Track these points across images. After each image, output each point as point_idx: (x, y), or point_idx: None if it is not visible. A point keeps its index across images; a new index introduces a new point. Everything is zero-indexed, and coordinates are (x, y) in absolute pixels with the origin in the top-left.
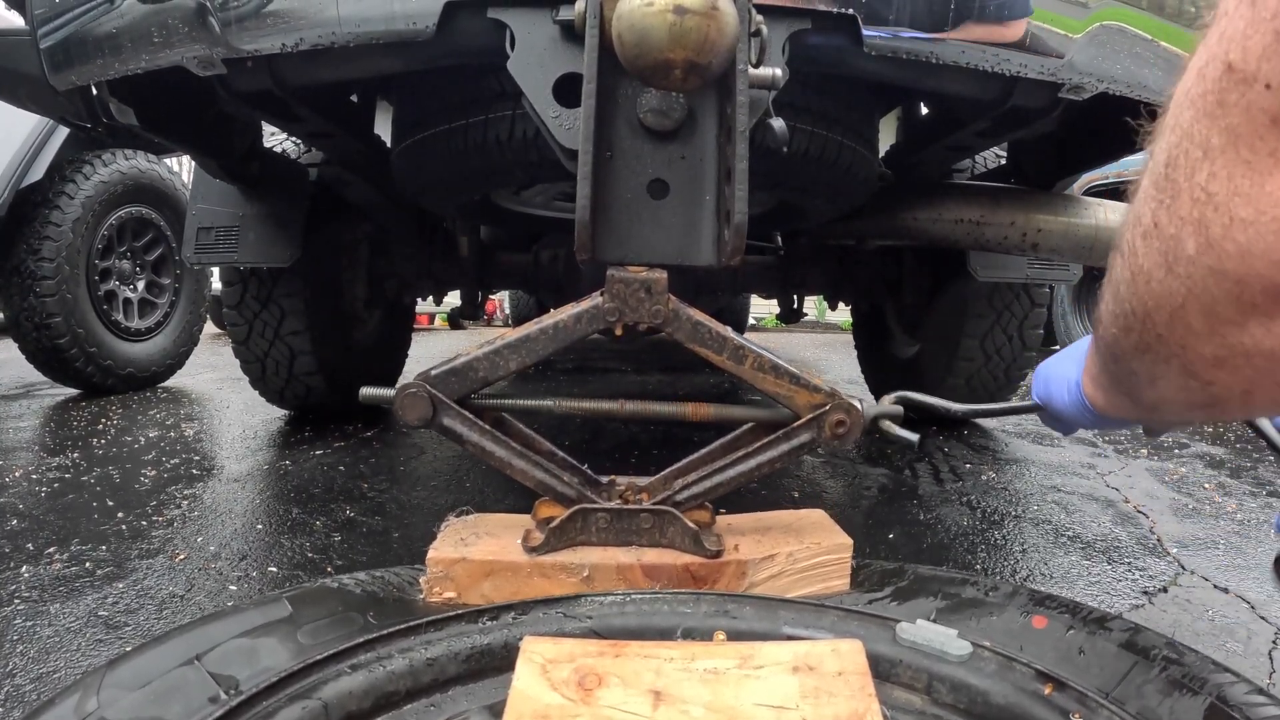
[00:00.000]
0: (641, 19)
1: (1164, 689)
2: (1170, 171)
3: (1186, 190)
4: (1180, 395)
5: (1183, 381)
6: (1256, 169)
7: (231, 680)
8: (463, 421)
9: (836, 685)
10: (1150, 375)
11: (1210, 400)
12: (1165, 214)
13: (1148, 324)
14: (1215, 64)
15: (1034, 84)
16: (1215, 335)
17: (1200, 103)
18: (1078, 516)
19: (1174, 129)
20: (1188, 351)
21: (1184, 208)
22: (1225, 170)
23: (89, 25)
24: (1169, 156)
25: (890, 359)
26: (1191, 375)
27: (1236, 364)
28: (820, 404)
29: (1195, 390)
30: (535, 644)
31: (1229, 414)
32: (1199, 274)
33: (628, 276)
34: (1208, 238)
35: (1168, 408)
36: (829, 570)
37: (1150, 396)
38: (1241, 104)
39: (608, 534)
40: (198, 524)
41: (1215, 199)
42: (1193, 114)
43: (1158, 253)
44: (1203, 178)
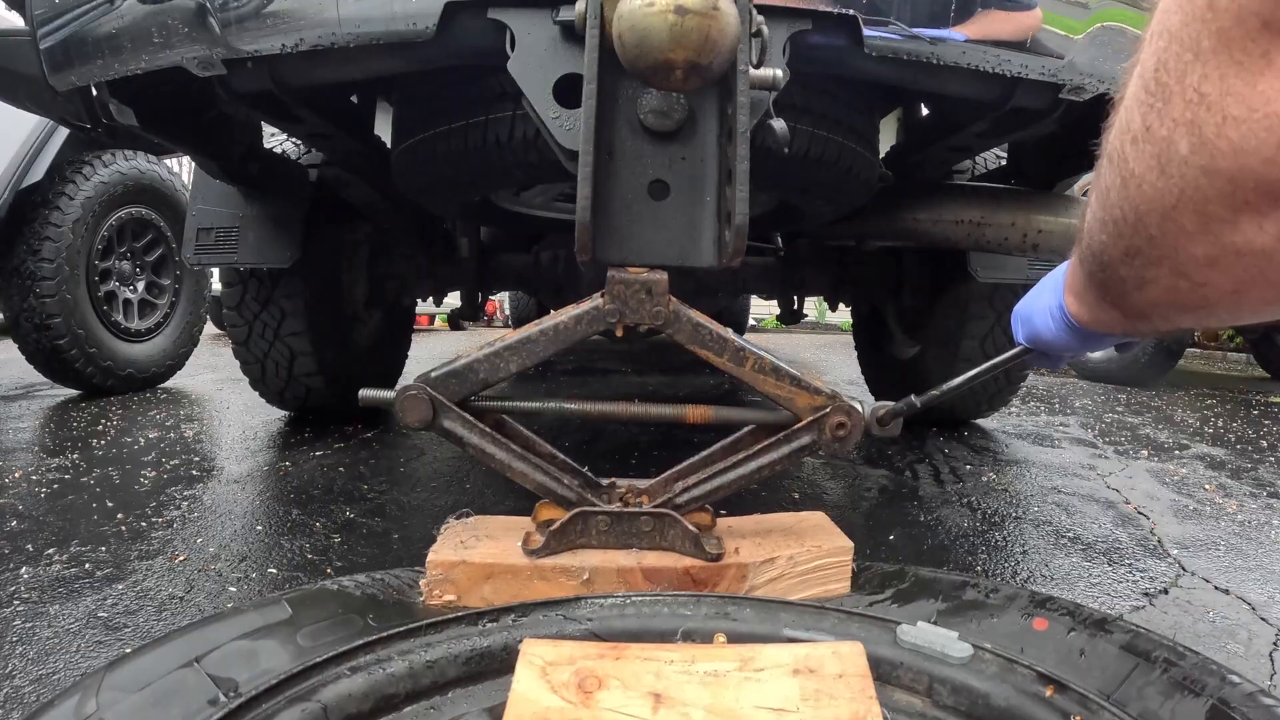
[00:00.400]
0: (642, 19)
1: (1165, 691)
2: (1160, 75)
3: (1178, 92)
4: (1170, 297)
5: (1173, 282)
6: (1249, 69)
7: (231, 682)
8: (463, 424)
9: (837, 687)
10: (1140, 279)
11: (1201, 301)
12: (1156, 117)
13: (1139, 227)
14: None
15: (1035, 85)
16: (1208, 234)
17: (1190, 6)
18: (1078, 518)
19: (1161, 34)
20: (1180, 252)
21: (1176, 109)
22: (1217, 71)
23: (89, 26)
24: (1158, 60)
25: (890, 360)
26: (1183, 275)
27: (1228, 262)
28: (821, 406)
29: (1186, 291)
30: (535, 646)
31: (1218, 316)
32: (1192, 174)
33: (628, 278)
34: (1201, 137)
35: (1157, 312)
36: (829, 573)
37: (1139, 301)
38: (1233, 8)
39: (608, 537)
40: (197, 525)
41: (1208, 99)
42: (1182, 17)
43: (1149, 155)
44: (1194, 79)
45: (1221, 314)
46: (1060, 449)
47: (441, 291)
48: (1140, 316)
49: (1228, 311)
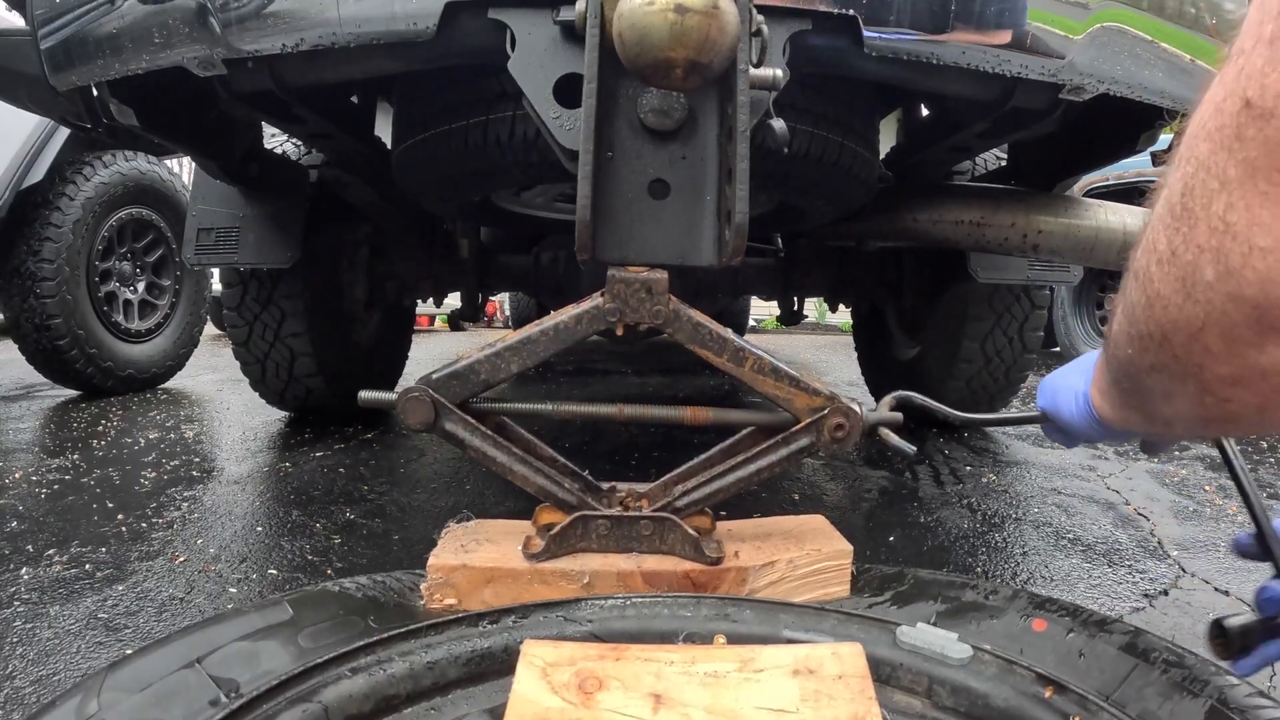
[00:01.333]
0: (643, 18)
1: (1165, 691)
2: (1187, 201)
3: (1204, 219)
4: (1196, 411)
5: (1199, 399)
6: (1274, 201)
7: (232, 683)
8: (464, 426)
9: (837, 688)
10: (1166, 392)
11: (1226, 416)
12: (1182, 241)
13: (1164, 345)
14: (1234, 99)
15: (1035, 85)
16: (1233, 356)
17: (1218, 136)
18: (1078, 519)
19: (1189, 160)
20: (1205, 371)
21: (1201, 236)
22: (1243, 201)
23: (89, 26)
24: (1185, 186)
25: (890, 361)
26: (1208, 393)
27: (1254, 383)
28: (820, 407)
29: (1212, 407)
30: (536, 647)
31: (1244, 430)
32: (1218, 300)
33: (628, 277)
34: (1227, 266)
35: (1181, 423)
36: (829, 576)
37: (1165, 412)
38: (1259, 138)
39: (608, 541)
40: (198, 526)
41: (1233, 228)
42: (1209, 146)
43: (1175, 279)
44: (1220, 208)
45: (1246, 429)
46: (1060, 450)
47: (442, 292)
48: (1164, 425)
49: (1253, 427)
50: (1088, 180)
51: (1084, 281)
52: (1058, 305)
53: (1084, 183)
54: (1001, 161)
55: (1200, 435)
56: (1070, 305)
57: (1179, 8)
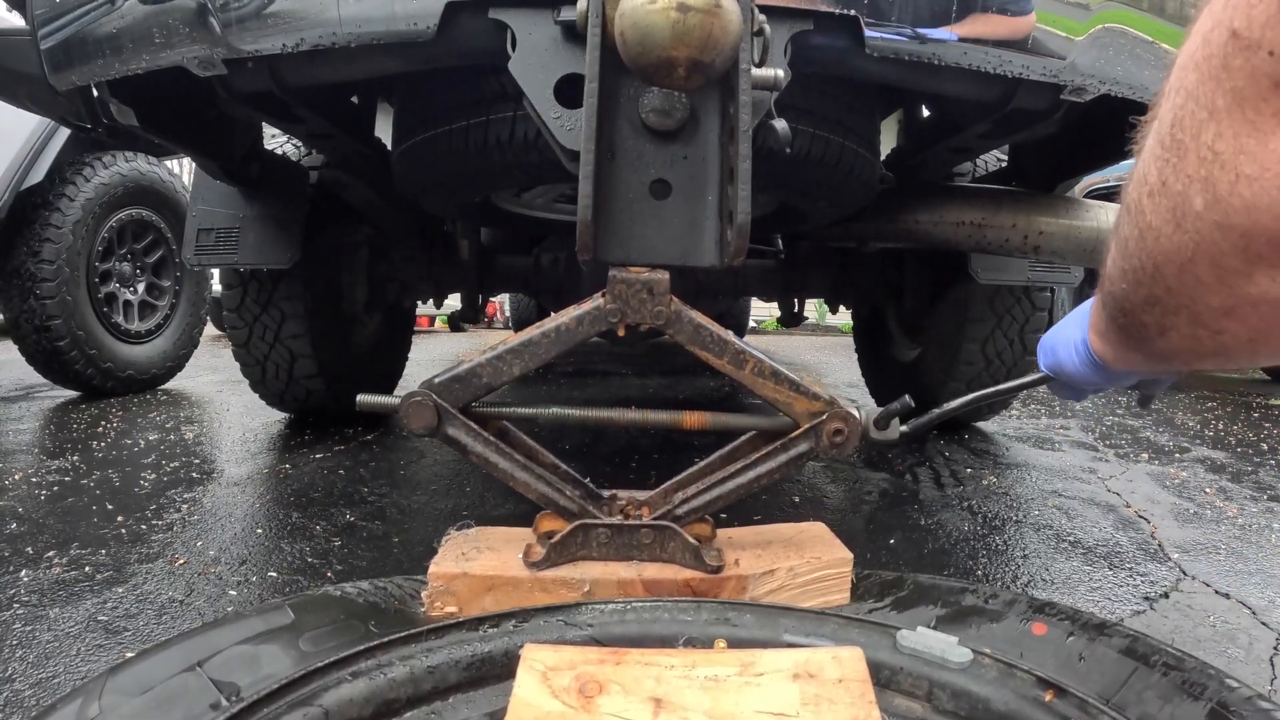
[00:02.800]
0: (644, 16)
1: (1165, 694)
2: (1176, 132)
3: (1193, 149)
4: (1190, 344)
5: (1192, 330)
6: (1261, 129)
7: (233, 687)
8: (467, 431)
9: (837, 692)
10: (1160, 326)
11: (1219, 348)
12: (1172, 172)
13: (1157, 277)
14: (1220, 30)
15: (1036, 86)
16: (1223, 286)
17: (1205, 66)
18: (1079, 521)
19: (1179, 90)
20: (1197, 302)
21: (1191, 166)
22: (1231, 130)
23: (90, 26)
24: (1174, 117)
25: (891, 363)
26: (1201, 324)
27: (1244, 312)
28: (819, 412)
29: (1205, 339)
30: (536, 651)
31: (1237, 361)
32: (1206, 228)
33: (630, 277)
34: (1215, 194)
35: (1177, 357)
36: (829, 584)
37: (1160, 346)
38: (1246, 68)
39: (609, 549)
40: (197, 528)
41: (1221, 157)
42: (1198, 77)
43: (1165, 209)
44: (1209, 137)
45: (1240, 360)
46: (1061, 452)
47: (442, 293)
48: (1161, 359)
49: (1246, 358)
50: (1089, 181)
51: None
52: (1058, 307)
53: (1085, 184)
54: (1002, 162)
55: (1198, 369)
56: (1071, 307)
57: (1179, 9)
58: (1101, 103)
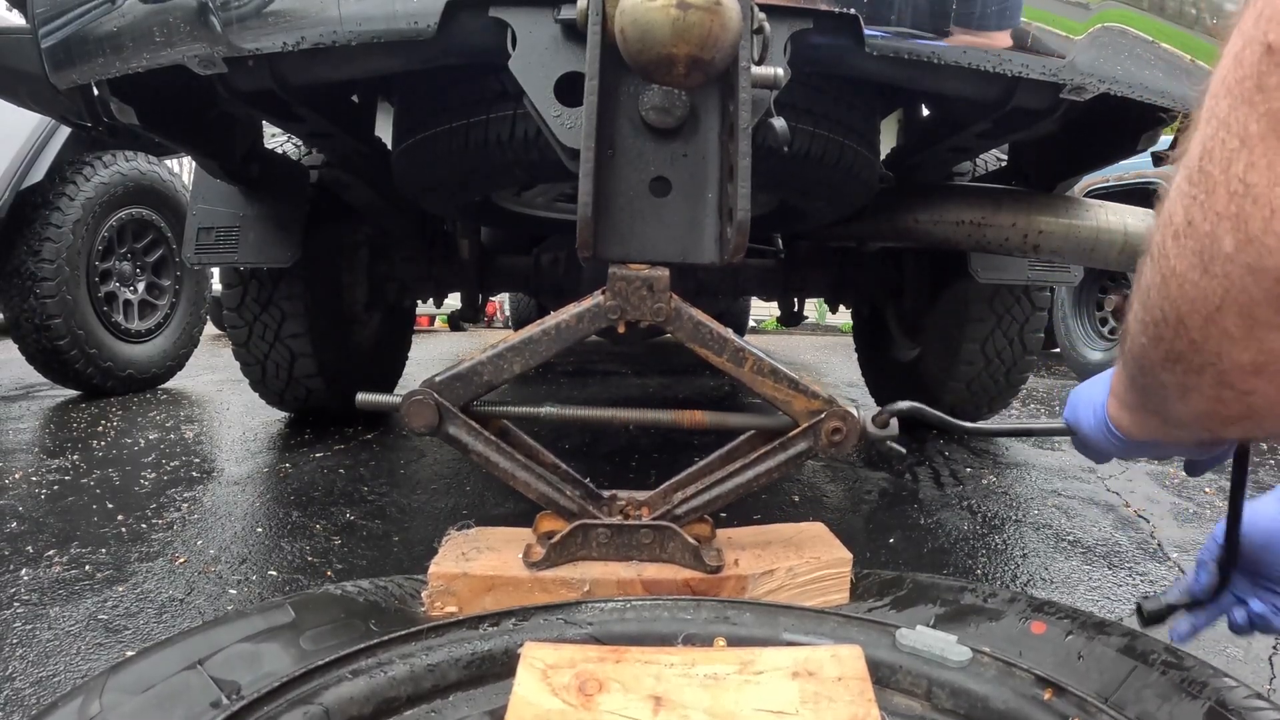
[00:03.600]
0: (645, 14)
1: (1163, 693)
2: (1205, 164)
3: (1223, 183)
4: (1214, 408)
5: (1217, 393)
6: None
7: (234, 685)
8: (468, 431)
9: (836, 690)
10: (1182, 387)
11: (1247, 412)
12: (1199, 210)
13: (1180, 330)
14: (1254, 46)
15: (1035, 85)
16: (1253, 340)
17: (1238, 89)
18: (1078, 521)
19: (1209, 120)
20: (1224, 359)
21: (1220, 202)
22: (1265, 159)
23: (90, 24)
24: (1204, 149)
25: (891, 362)
26: (1227, 385)
27: (1275, 371)
28: (817, 411)
29: (1231, 401)
30: (536, 650)
31: (1265, 427)
32: (1237, 273)
33: (629, 274)
34: (1247, 233)
35: (1200, 423)
36: (828, 585)
37: (1181, 412)
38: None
39: (608, 549)
40: (198, 527)
41: (1254, 190)
42: (1230, 101)
43: (1192, 252)
44: (1240, 168)
45: (1269, 426)
46: (1060, 452)
47: (442, 293)
48: (1182, 426)
49: (1276, 424)
50: (1088, 181)
51: (1084, 282)
52: (1058, 306)
53: (1085, 183)
54: (1002, 162)
55: (1219, 437)
56: (1070, 306)
57: (1179, 8)
58: (1101, 102)
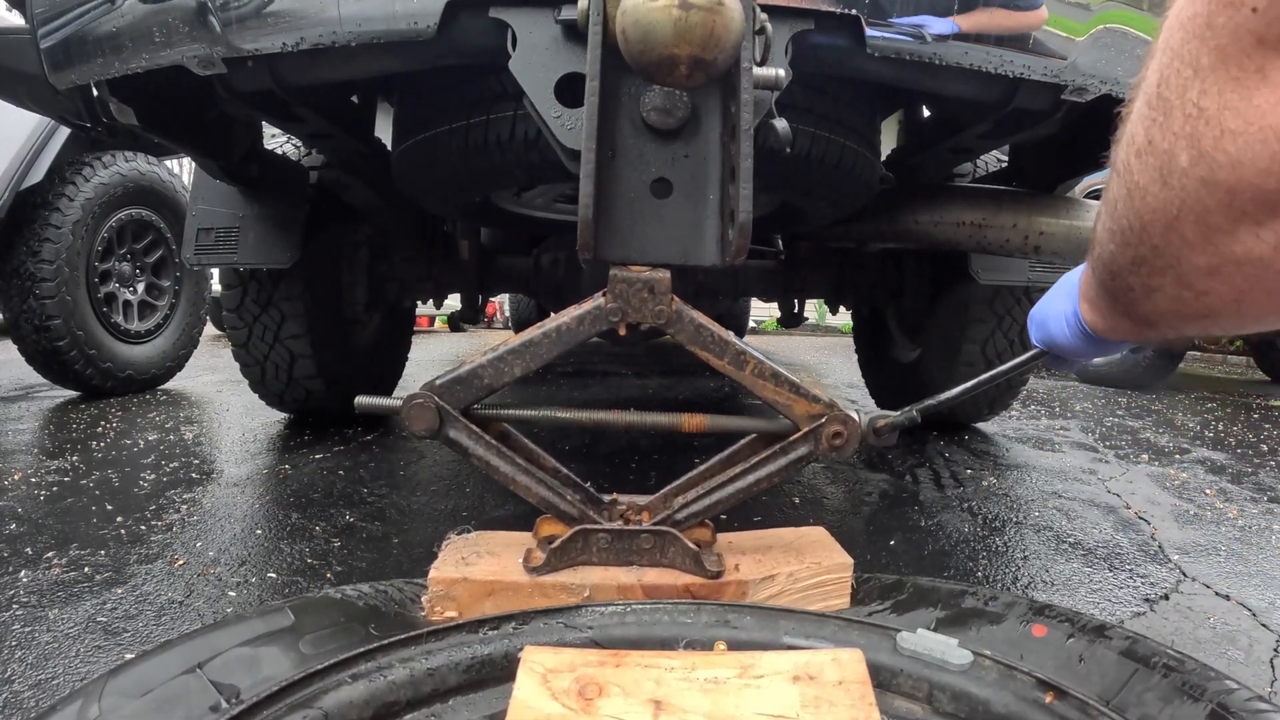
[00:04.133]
0: (646, 14)
1: (1165, 696)
2: (1162, 90)
3: (1179, 107)
4: (1176, 306)
5: (1178, 292)
6: (1244, 84)
7: (233, 689)
8: (469, 434)
9: (837, 694)
10: (1147, 288)
11: (1205, 310)
12: (1159, 130)
13: (1144, 237)
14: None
15: (1037, 86)
16: (1208, 244)
17: (1190, 25)
18: (1079, 523)
19: (1165, 50)
20: (1182, 262)
21: (1176, 123)
22: (1215, 87)
23: (90, 25)
24: (1161, 76)
25: (891, 364)
26: (1186, 285)
27: (1229, 272)
28: (818, 415)
29: (1190, 300)
30: (536, 654)
31: (1222, 325)
32: (1192, 185)
33: (630, 276)
34: (1200, 150)
35: (1164, 321)
36: (829, 589)
37: (1147, 310)
38: (1230, 25)
39: (609, 554)
40: (197, 529)
41: (1206, 113)
42: (1183, 35)
43: (1152, 168)
44: (1194, 94)
45: (1225, 323)
46: (1061, 453)
47: (442, 294)
48: (1149, 324)
49: (1231, 321)
50: (1089, 182)
51: None
52: None
53: (1085, 184)
54: (1003, 163)
55: (1185, 334)
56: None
57: None
58: (1103, 103)
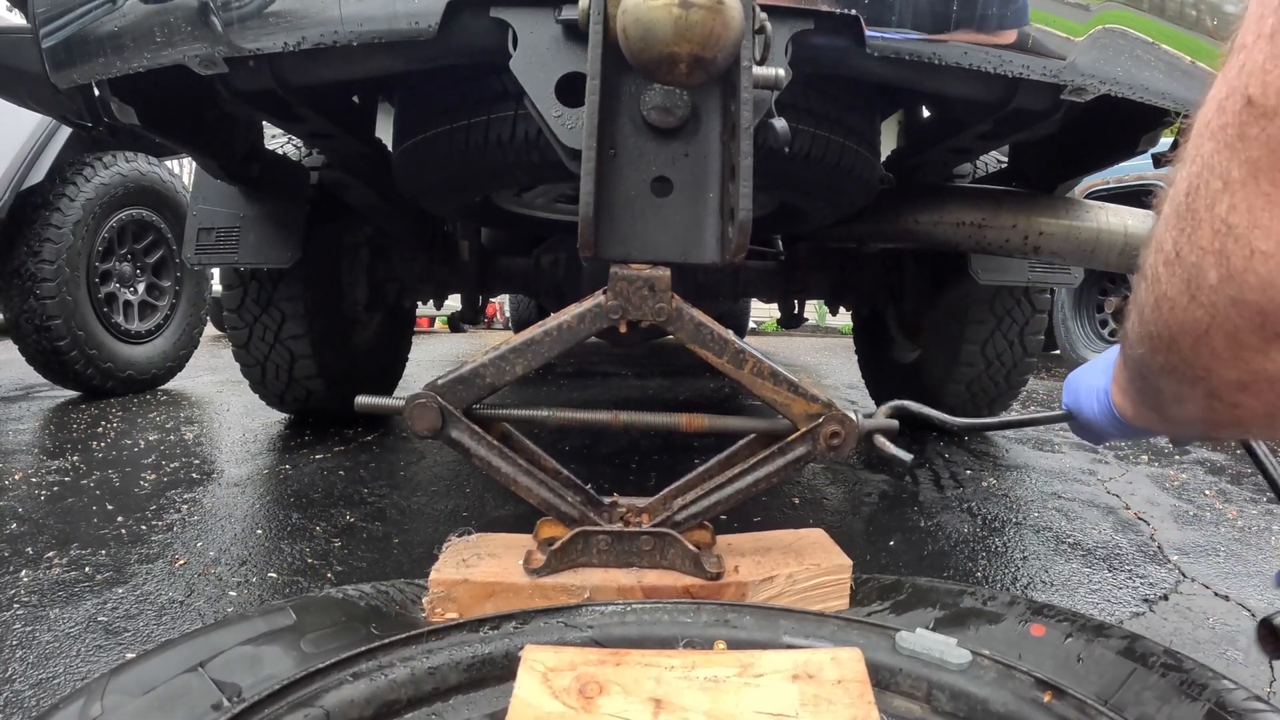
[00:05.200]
0: (647, 12)
1: (1163, 695)
2: (1191, 201)
3: (1207, 221)
4: (1206, 415)
5: (1208, 403)
6: (1276, 202)
7: (235, 687)
8: (471, 435)
9: (836, 693)
10: (1177, 395)
11: (1235, 421)
12: (1187, 243)
13: (1173, 347)
14: (1236, 97)
15: (1036, 86)
16: (1239, 361)
17: (1221, 135)
18: (1078, 523)
19: (1195, 159)
20: (1213, 376)
21: (1205, 238)
22: (1245, 203)
23: (91, 24)
24: (1190, 186)
25: (891, 364)
26: (1217, 398)
27: (1260, 389)
28: (816, 414)
29: (1221, 411)
30: (536, 652)
31: (1254, 433)
32: (1222, 303)
33: (631, 274)
34: (1229, 269)
35: (1194, 426)
36: (828, 591)
37: (1177, 414)
38: (1262, 138)
39: (609, 556)
40: (197, 529)
41: (1235, 231)
42: (1213, 146)
43: (1181, 280)
44: (1223, 209)
45: (1257, 433)
46: (1060, 454)
47: (442, 294)
48: (1179, 426)
49: (1263, 431)
50: (1089, 182)
51: (1084, 284)
52: (1058, 308)
53: (1085, 185)
54: (1002, 163)
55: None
56: (1070, 308)
57: (1179, 9)
58: (1102, 103)
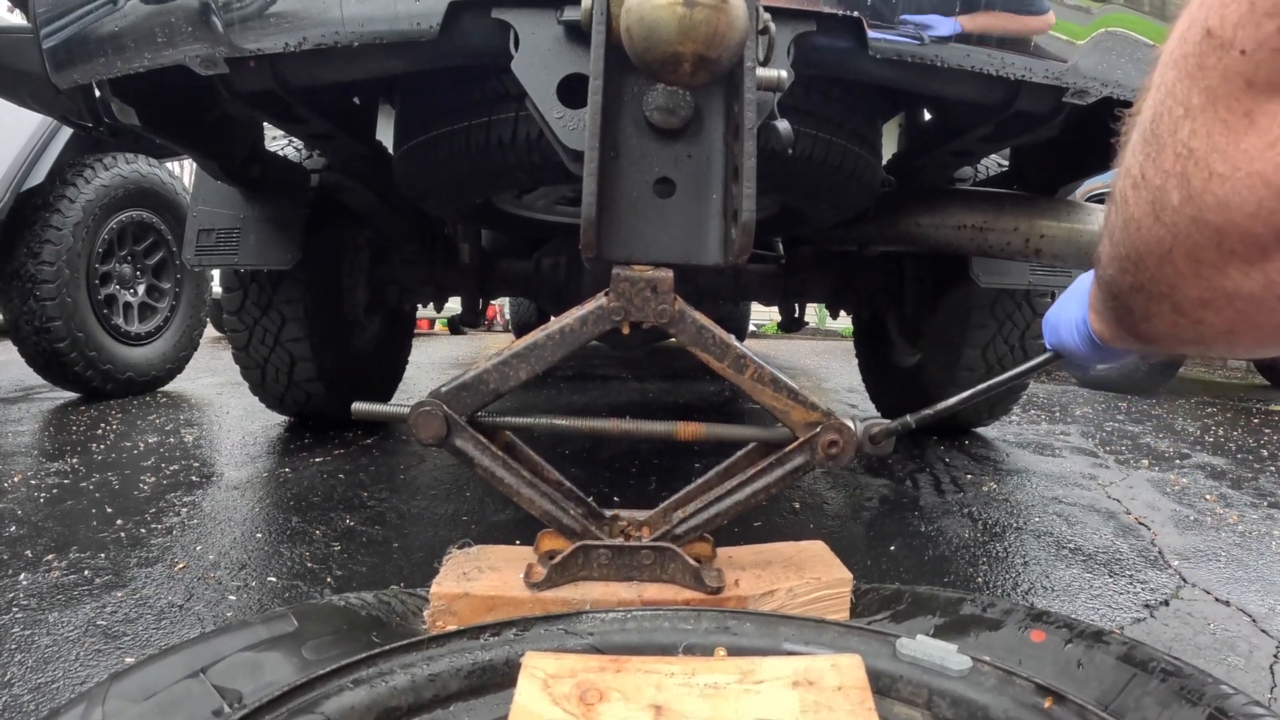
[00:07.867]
0: (651, 11)
1: (1163, 700)
2: (1155, 127)
3: (1170, 145)
4: (1172, 331)
5: (1174, 319)
6: (1232, 128)
7: (235, 693)
8: (475, 444)
9: (836, 700)
10: (1145, 312)
11: (1199, 337)
12: (1151, 166)
13: (1140, 266)
14: (1195, 28)
15: (1038, 88)
16: (1200, 278)
17: (1182, 64)
18: (1079, 528)
19: (1159, 87)
20: (1176, 292)
21: (1167, 161)
22: (1204, 128)
23: (92, 24)
24: (1154, 113)
25: (892, 368)
26: (1181, 314)
27: (1220, 305)
28: (815, 423)
29: (1185, 327)
30: (537, 659)
31: (1217, 350)
32: (1183, 223)
33: (633, 275)
34: (1189, 190)
35: (1162, 341)
36: (829, 604)
37: (1146, 331)
38: (1219, 67)
39: (609, 570)
40: (197, 532)
41: (1195, 154)
42: (1175, 74)
43: (1146, 202)
44: (1184, 134)
45: (1219, 349)
46: (1061, 458)
47: (442, 296)
48: (1149, 342)
49: (1225, 348)
50: (1090, 185)
51: None
52: None
53: (1087, 187)
54: (1004, 167)
55: (1183, 352)
56: None
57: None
58: (1104, 106)
